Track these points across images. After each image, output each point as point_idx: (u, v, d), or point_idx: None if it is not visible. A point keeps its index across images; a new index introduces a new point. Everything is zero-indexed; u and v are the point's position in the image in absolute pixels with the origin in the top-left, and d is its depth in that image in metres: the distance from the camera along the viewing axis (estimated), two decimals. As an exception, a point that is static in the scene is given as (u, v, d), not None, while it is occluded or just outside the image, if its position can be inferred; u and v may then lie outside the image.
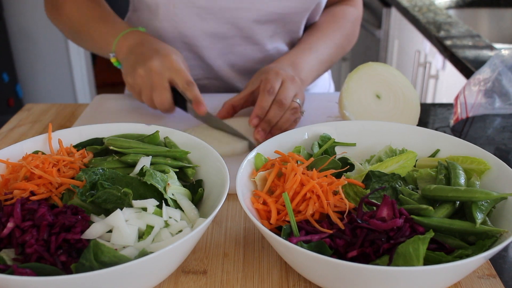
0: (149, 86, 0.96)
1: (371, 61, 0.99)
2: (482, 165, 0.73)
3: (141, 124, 0.84)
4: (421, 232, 0.62)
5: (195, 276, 0.68)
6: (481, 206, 0.65)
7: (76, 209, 0.65)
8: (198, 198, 0.74)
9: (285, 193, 0.66)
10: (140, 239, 0.64)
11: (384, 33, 2.84)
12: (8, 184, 0.72)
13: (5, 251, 0.61)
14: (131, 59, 1.00)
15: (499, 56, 1.10)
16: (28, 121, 1.14)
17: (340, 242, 0.61)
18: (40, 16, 3.15)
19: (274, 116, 0.95)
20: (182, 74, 0.95)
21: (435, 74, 2.05)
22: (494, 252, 0.57)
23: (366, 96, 0.96)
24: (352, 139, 0.84)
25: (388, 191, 0.70)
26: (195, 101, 0.95)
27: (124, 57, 1.03)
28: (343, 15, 1.22)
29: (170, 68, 0.95)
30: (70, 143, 0.81)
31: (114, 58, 1.07)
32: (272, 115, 0.95)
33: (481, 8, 2.42)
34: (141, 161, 0.75)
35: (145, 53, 0.98)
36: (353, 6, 1.25)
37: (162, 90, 0.96)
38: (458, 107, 1.09)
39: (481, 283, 0.66)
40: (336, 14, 1.22)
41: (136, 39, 1.03)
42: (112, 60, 1.07)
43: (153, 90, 0.96)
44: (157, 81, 0.95)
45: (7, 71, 3.08)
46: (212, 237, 0.75)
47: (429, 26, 2.01)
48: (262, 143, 0.78)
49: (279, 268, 0.69)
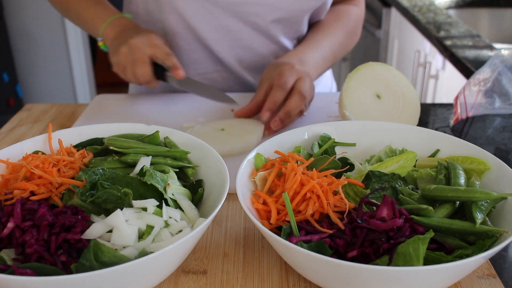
0: (131, 61, 1.04)
1: (371, 61, 0.99)
2: (482, 165, 0.73)
3: (141, 124, 0.84)
4: (421, 232, 0.62)
5: (195, 276, 0.68)
6: (481, 206, 0.65)
7: (76, 209, 0.65)
8: (198, 198, 0.74)
9: (285, 193, 0.66)
10: (140, 239, 0.64)
11: (384, 33, 2.84)
12: (8, 184, 0.72)
13: (5, 251, 0.61)
14: (116, 42, 1.07)
15: (499, 56, 1.10)
16: (28, 121, 1.14)
17: (340, 242, 0.61)
18: (40, 16, 3.15)
19: (295, 107, 0.98)
20: (161, 48, 1.03)
21: (435, 74, 2.05)
22: (494, 252, 0.57)
23: (366, 96, 0.96)
24: (352, 139, 0.84)
25: (388, 191, 0.70)
26: (173, 67, 1.01)
27: (110, 43, 1.10)
28: (347, 14, 1.25)
29: (151, 44, 1.03)
30: (70, 143, 0.81)
31: (101, 42, 1.14)
32: (293, 106, 0.98)
33: (481, 8, 2.42)
34: (141, 161, 0.75)
35: (128, 36, 1.05)
36: (356, 6, 1.28)
37: (143, 64, 1.03)
38: (458, 107, 1.09)
39: (481, 283, 0.66)
40: (339, 12, 1.24)
41: (122, 25, 1.10)
42: (99, 44, 1.15)
43: (135, 64, 1.03)
44: (138, 56, 1.02)
45: (7, 71, 3.08)
46: (212, 237, 0.75)
47: (429, 26, 2.01)
48: (262, 143, 0.78)
49: (279, 268, 0.69)
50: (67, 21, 3.17)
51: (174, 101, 1.17)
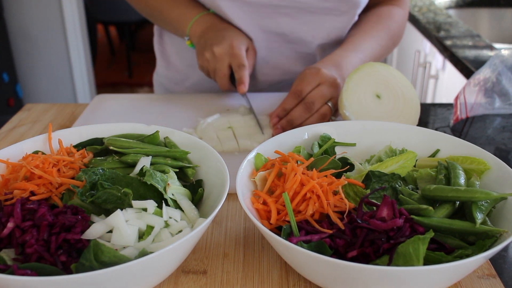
0: (212, 69, 1.11)
1: (371, 61, 0.99)
2: (482, 165, 0.73)
3: (141, 124, 0.84)
4: (421, 232, 0.62)
5: (195, 276, 0.68)
6: (481, 206, 0.65)
7: (76, 209, 0.65)
8: (198, 198, 0.74)
9: (285, 193, 0.66)
10: (140, 239, 0.64)
11: (384, 33, 2.83)
12: (8, 184, 0.72)
13: (5, 251, 0.61)
14: (201, 42, 1.12)
15: (499, 56, 1.10)
16: (28, 121, 1.14)
17: (340, 242, 0.61)
18: (40, 16, 3.15)
19: (298, 117, 0.97)
20: (237, 59, 1.07)
21: (435, 74, 2.05)
22: (494, 252, 0.57)
23: (366, 96, 0.96)
24: (352, 139, 0.84)
25: (388, 191, 0.70)
26: (238, 81, 1.06)
27: (197, 41, 1.14)
28: (389, 15, 1.20)
29: (231, 54, 1.07)
30: (70, 143, 0.81)
31: (188, 41, 1.17)
32: (296, 116, 0.97)
33: (481, 8, 2.42)
34: (141, 161, 0.75)
35: (213, 38, 1.10)
36: (399, 6, 1.23)
37: (223, 75, 1.09)
38: (458, 107, 1.09)
39: (481, 283, 0.66)
40: (381, 14, 1.20)
41: (207, 23, 1.14)
42: (187, 43, 1.18)
43: (216, 74, 1.10)
44: (219, 66, 1.08)
45: (7, 71, 3.08)
46: (212, 237, 0.75)
47: (429, 26, 2.01)
48: (262, 143, 0.78)
49: (279, 268, 0.69)
50: (67, 21, 3.17)
51: (174, 102, 1.17)
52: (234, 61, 1.07)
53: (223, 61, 1.08)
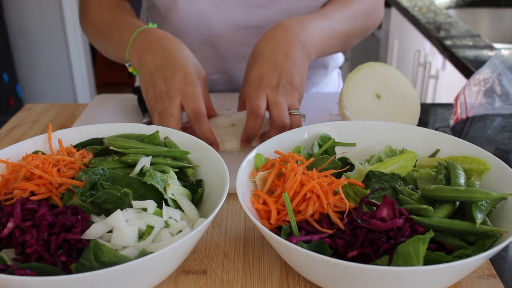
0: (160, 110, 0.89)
1: (371, 61, 0.99)
2: (482, 165, 0.73)
3: (141, 124, 0.84)
4: (421, 232, 0.62)
5: (195, 276, 0.68)
6: (481, 206, 0.65)
7: (76, 209, 0.65)
8: (198, 198, 0.74)
9: (285, 193, 0.66)
10: (140, 239, 0.64)
11: (384, 33, 2.84)
12: (8, 184, 0.72)
13: (5, 251, 0.61)
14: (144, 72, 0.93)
15: (499, 56, 1.10)
16: (28, 121, 1.14)
17: (340, 242, 0.61)
18: (40, 16, 3.15)
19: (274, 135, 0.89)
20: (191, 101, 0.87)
21: (435, 74, 2.05)
22: (494, 252, 0.57)
23: (366, 96, 0.96)
24: (352, 139, 0.84)
25: (388, 191, 0.70)
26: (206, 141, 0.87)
27: (137, 67, 0.96)
28: None
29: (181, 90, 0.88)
30: (70, 143, 0.81)
31: (131, 67, 1.00)
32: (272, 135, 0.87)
33: (481, 8, 2.42)
34: (141, 161, 0.75)
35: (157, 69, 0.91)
36: None
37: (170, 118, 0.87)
38: (458, 107, 1.09)
39: (481, 283, 0.66)
40: None
41: (144, 42, 0.95)
42: (130, 70, 1.00)
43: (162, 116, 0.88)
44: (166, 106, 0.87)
45: (7, 71, 3.08)
46: (212, 237, 0.75)
47: (429, 26, 2.01)
48: (262, 143, 0.78)
49: (279, 268, 0.69)
50: (67, 21, 3.17)
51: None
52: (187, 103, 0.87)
53: (172, 100, 0.87)
